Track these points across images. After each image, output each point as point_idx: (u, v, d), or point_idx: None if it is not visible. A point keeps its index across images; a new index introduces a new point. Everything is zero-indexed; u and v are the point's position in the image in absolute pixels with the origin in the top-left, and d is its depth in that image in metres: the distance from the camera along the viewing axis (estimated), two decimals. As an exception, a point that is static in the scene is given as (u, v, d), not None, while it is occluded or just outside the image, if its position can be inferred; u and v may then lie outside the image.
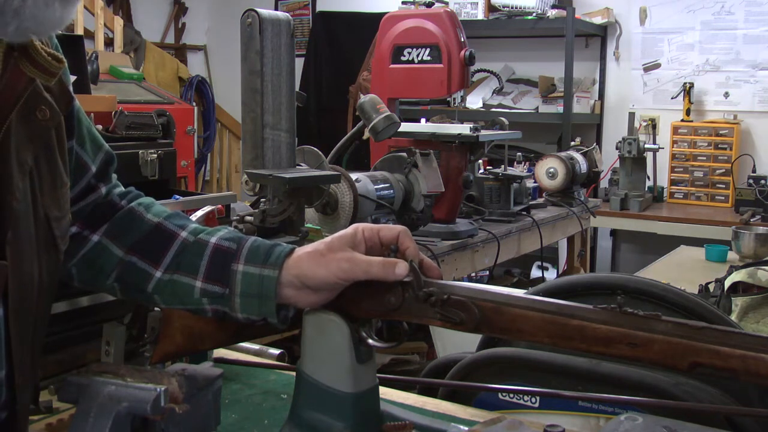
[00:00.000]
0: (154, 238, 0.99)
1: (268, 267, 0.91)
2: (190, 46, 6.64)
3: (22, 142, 0.81)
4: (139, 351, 1.11)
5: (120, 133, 2.27)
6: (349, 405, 0.91)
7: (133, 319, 1.11)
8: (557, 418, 1.08)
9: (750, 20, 4.79)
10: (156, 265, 0.97)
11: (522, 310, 0.84)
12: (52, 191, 0.87)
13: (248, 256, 0.93)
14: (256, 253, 0.93)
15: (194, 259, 0.96)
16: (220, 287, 0.94)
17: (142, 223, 1.00)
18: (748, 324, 2.04)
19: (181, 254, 0.97)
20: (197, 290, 0.95)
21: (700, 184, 4.76)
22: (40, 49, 0.81)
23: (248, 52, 1.90)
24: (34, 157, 0.83)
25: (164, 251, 0.98)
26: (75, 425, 0.82)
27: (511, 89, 5.28)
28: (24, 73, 0.80)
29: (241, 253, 0.94)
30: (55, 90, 0.86)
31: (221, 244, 0.96)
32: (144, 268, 0.97)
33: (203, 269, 0.95)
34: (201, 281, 0.95)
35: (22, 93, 0.81)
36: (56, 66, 0.82)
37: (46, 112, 0.84)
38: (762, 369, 0.72)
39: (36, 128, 0.83)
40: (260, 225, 1.84)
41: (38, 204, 0.84)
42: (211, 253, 0.96)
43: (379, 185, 2.20)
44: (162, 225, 1.00)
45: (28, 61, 0.80)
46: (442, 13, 2.62)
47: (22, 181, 0.81)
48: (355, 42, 5.31)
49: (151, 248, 0.98)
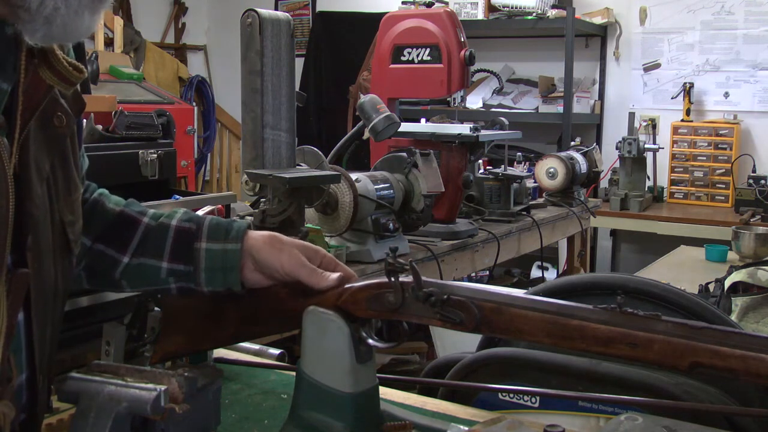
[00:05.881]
0: (118, 225, 1.04)
1: (230, 242, 1.00)
2: (190, 46, 6.64)
3: (40, 149, 0.82)
4: (139, 351, 1.11)
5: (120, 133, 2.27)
6: (349, 405, 0.91)
7: (133, 319, 1.11)
8: (557, 418, 1.08)
9: (750, 20, 4.79)
10: (123, 251, 1.03)
11: (522, 310, 0.84)
12: (67, 197, 0.88)
13: (209, 234, 1.01)
14: (217, 230, 1.02)
15: (158, 243, 1.02)
16: (184, 265, 1.01)
17: (105, 213, 1.05)
18: (748, 324, 2.04)
19: (146, 239, 1.03)
20: (164, 270, 1.01)
21: (700, 184, 4.76)
22: (61, 57, 0.81)
23: (248, 52, 1.90)
24: (51, 164, 0.84)
25: (129, 237, 1.03)
26: (75, 425, 0.82)
27: (511, 89, 5.28)
28: (43, 81, 0.81)
29: (202, 231, 1.02)
30: (70, 97, 0.87)
31: (182, 225, 1.03)
32: (112, 254, 1.03)
33: (168, 250, 1.02)
34: (167, 262, 1.02)
35: (42, 100, 0.81)
36: (76, 75, 0.83)
37: (62, 119, 0.85)
38: (762, 369, 0.72)
39: (53, 135, 0.84)
40: (260, 225, 1.84)
41: (54, 210, 0.86)
42: (174, 235, 1.02)
43: (379, 185, 2.20)
44: (124, 212, 1.06)
45: (48, 69, 0.81)
46: (442, 13, 2.62)
47: (40, 187, 0.82)
48: (355, 42, 5.31)
49: (117, 236, 1.04)
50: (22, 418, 0.84)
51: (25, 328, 0.82)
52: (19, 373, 0.81)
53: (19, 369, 0.81)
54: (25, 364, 0.83)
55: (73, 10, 0.75)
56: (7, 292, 0.76)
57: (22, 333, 0.81)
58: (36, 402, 0.85)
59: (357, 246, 2.15)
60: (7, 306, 0.76)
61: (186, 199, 1.88)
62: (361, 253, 2.14)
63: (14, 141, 0.78)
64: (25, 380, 0.83)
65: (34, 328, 0.82)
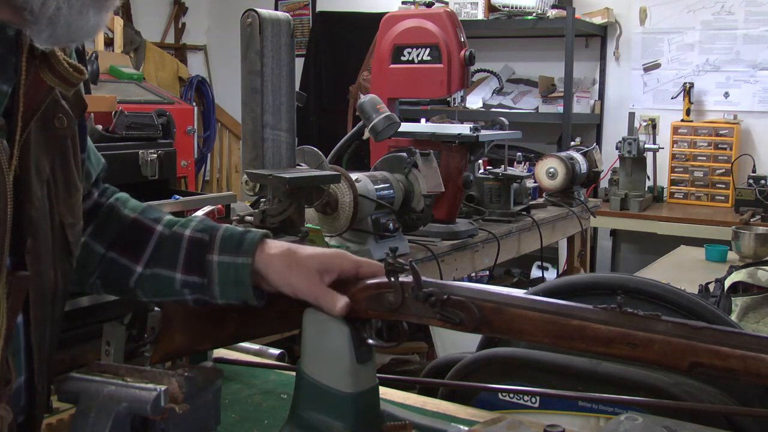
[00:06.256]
0: (132, 233, 1.02)
1: (241, 255, 0.96)
2: (190, 46, 6.64)
3: (41, 150, 0.82)
4: (139, 351, 1.11)
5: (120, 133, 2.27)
6: (349, 405, 0.91)
7: (133, 319, 1.11)
8: (557, 418, 1.08)
9: (750, 20, 4.79)
10: (136, 260, 1.00)
11: (522, 310, 0.84)
12: (67, 198, 0.88)
13: (222, 246, 0.97)
14: (229, 242, 0.97)
15: (172, 252, 0.99)
16: (198, 278, 0.98)
17: (120, 219, 1.03)
18: (748, 324, 2.04)
19: (160, 248, 1.00)
20: (178, 282, 0.98)
21: (700, 184, 4.76)
22: (62, 59, 0.81)
23: (248, 52, 1.90)
24: (51, 165, 0.84)
25: (143, 246, 1.01)
26: (75, 425, 0.82)
27: (511, 89, 5.27)
28: (44, 82, 0.81)
29: (214, 243, 0.98)
30: (71, 98, 0.87)
31: (195, 236, 0.99)
32: (125, 264, 1.00)
33: (181, 261, 0.99)
34: (180, 273, 0.98)
35: (43, 101, 0.81)
36: (77, 77, 0.83)
37: (63, 121, 0.85)
38: (762, 369, 0.72)
39: (53, 136, 0.84)
40: (260, 225, 1.84)
41: (54, 211, 0.85)
42: (187, 245, 0.99)
43: (379, 185, 2.20)
44: (138, 220, 1.03)
45: (49, 70, 0.81)
46: (442, 13, 2.62)
47: (40, 189, 0.82)
48: (355, 42, 5.31)
49: (131, 244, 1.01)
50: (20, 420, 0.83)
51: (24, 331, 0.81)
52: (18, 375, 0.81)
53: (18, 371, 0.81)
54: (24, 366, 0.82)
55: (77, 10, 0.75)
56: (6, 295, 0.76)
57: (21, 335, 0.81)
58: (35, 404, 0.85)
59: (357, 246, 2.15)
60: (7, 308, 0.76)
61: (186, 199, 1.88)
62: (361, 253, 2.14)
63: (15, 143, 0.78)
64: (23, 382, 0.83)
65: (33, 330, 0.82)
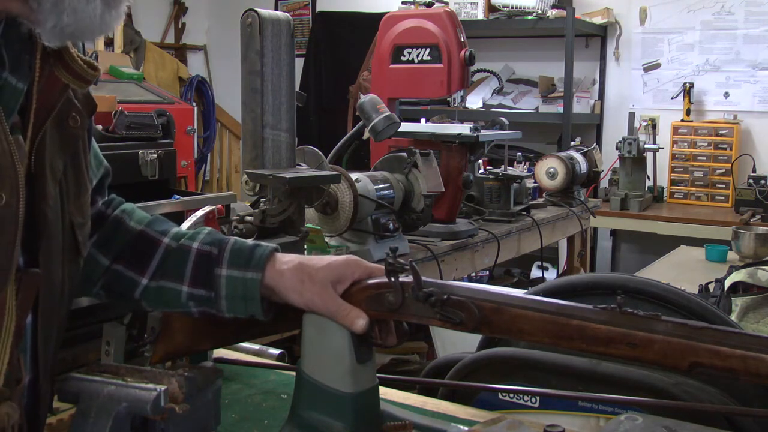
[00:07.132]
0: (138, 246, 1.01)
1: (250, 270, 0.94)
2: (190, 46, 6.64)
3: (55, 149, 0.82)
4: (139, 351, 1.11)
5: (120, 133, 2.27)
6: (349, 405, 0.91)
7: (133, 319, 1.11)
8: (557, 418, 1.08)
9: (750, 20, 4.79)
10: (142, 272, 0.99)
11: (522, 310, 0.84)
12: (77, 198, 0.88)
13: (230, 260, 0.96)
14: (238, 256, 0.96)
15: (179, 265, 0.98)
16: (205, 291, 0.96)
17: (126, 232, 1.02)
18: (748, 324, 2.04)
19: (166, 261, 0.99)
20: (184, 294, 0.97)
21: (700, 184, 4.76)
22: (76, 56, 0.81)
23: (248, 52, 1.90)
24: (64, 165, 0.84)
25: (149, 259, 1.00)
26: (75, 425, 0.82)
27: (511, 89, 5.27)
28: (59, 80, 0.80)
29: (223, 257, 0.97)
30: (81, 96, 0.86)
31: (203, 249, 0.98)
32: (131, 276, 0.99)
33: (188, 274, 0.97)
34: (187, 286, 0.97)
35: (58, 100, 0.81)
36: (91, 74, 0.83)
37: (77, 119, 0.84)
38: (762, 369, 0.72)
39: (67, 135, 0.84)
40: (260, 225, 1.84)
41: (65, 211, 0.85)
42: (194, 258, 0.98)
43: (379, 185, 2.20)
44: (145, 233, 1.02)
45: (63, 68, 0.80)
46: (442, 13, 2.62)
47: (54, 188, 0.82)
48: (355, 42, 5.31)
49: (136, 256, 1.00)
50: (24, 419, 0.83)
51: (32, 330, 0.81)
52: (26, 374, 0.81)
53: (25, 370, 0.81)
54: (30, 366, 0.82)
55: None
56: (16, 292, 0.75)
57: (28, 335, 0.81)
58: (39, 404, 0.84)
59: (357, 246, 2.15)
60: (17, 306, 0.75)
61: (186, 199, 1.88)
62: (361, 253, 2.14)
63: (28, 140, 0.77)
64: (28, 382, 0.82)
65: (40, 330, 0.82)
